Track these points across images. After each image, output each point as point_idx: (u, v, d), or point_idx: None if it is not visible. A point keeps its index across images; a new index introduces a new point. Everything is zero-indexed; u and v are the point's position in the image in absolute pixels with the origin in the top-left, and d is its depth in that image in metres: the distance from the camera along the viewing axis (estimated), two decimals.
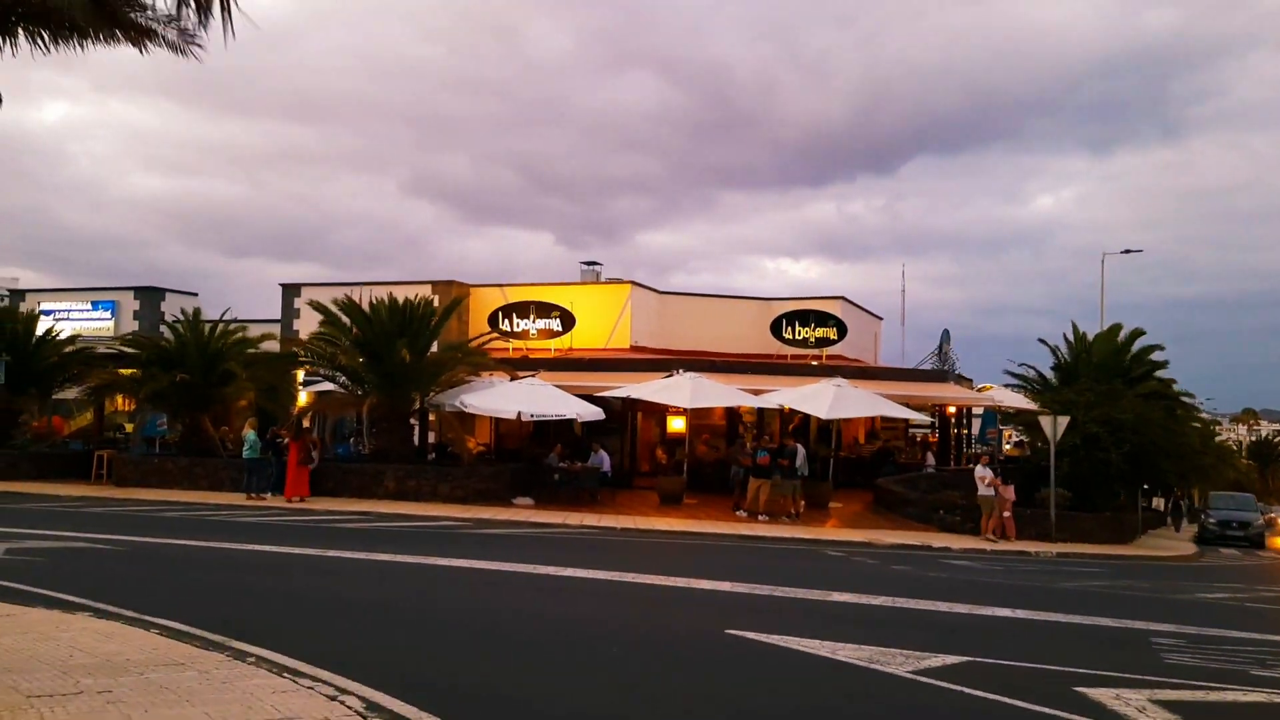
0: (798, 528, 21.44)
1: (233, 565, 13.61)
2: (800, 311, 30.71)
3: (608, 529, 20.07)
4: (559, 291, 30.84)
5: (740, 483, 23.45)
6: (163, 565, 13.47)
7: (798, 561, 17.15)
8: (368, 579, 12.83)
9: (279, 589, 11.67)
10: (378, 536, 17.91)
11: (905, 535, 21.42)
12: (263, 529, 18.43)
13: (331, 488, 23.58)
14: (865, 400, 24.12)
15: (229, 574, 12.78)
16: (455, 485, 23.04)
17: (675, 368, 25.37)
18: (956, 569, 17.34)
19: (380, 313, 23.83)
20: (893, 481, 25.51)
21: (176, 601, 10.28)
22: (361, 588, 12.06)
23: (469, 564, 14.07)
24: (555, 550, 16.86)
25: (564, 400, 23.35)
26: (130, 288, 35.25)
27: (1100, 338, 33.08)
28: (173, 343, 25.87)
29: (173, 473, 24.92)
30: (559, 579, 13.10)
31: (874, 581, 14.75)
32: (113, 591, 10.54)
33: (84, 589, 10.55)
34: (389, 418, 24.22)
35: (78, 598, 10.07)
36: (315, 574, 13.09)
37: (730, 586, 13.01)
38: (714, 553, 17.96)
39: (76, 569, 12.66)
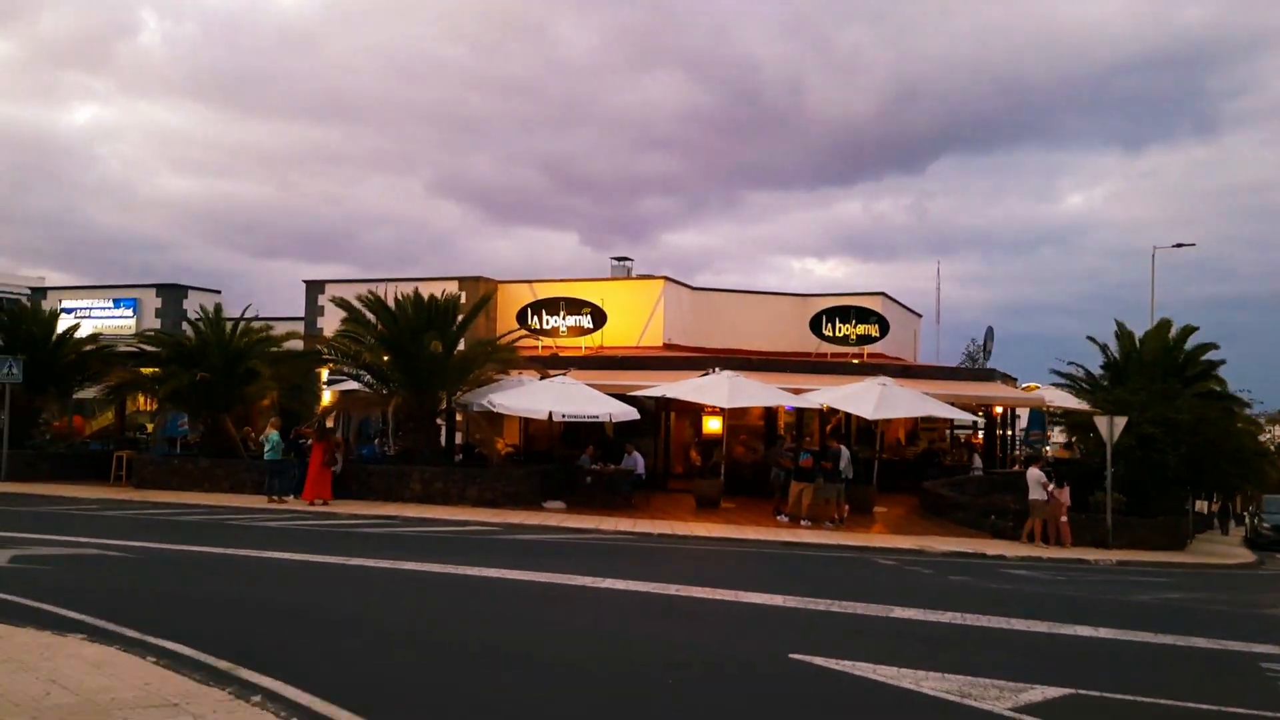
0: (843, 534, 20.39)
1: (249, 575, 12.76)
2: (841, 308, 29.57)
3: (643, 535, 19.10)
4: (589, 287, 29.86)
5: (781, 486, 22.43)
6: (175, 575, 12.63)
7: (848, 571, 16.13)
8: (393, 591, 11.92)
9: (298, 604, 10.78)
10: (403, 543, 17.06)
11: (956, 542, 20.33)
12: (283, 534, 17.60)
13: (355, 490, 22.75)
14: (912, 400, 23.03)
15: (245, 585, 11.91)
16: (484, 488, 22.14)
17: (711, 366, 24.38)
18: (1018, 579, 16.26)
19: (406, 309, 22.97)
20: (940, 485, 24.39)
21: (185, 619, 9.42)
22: (387, 602, 11.15)
23: (501, 574, 13.14)
24: (591, 559, 15.93)
25: (597, 400, 22.40)
26: (152, 285, 34.60)
27: (1150, 335, 31.69)
28: (193, 340, 25.11)
29: (193, 474, 24.18)
30: (598, 592, 12.16)
31: (935, 594, 13.72)
32: (117, 607, 9.69)
33: (86, 604, 9.71)
34: (415, 417, 23.35)
35: (78, 614, 9.22)
36: (337, 585, 12.21)
37: (783, 600, 12.02)
38: (758, 561, 16.96)
39: (82, 580, 11.82)
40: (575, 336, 29.22)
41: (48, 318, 28.13)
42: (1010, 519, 22.05)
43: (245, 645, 8.07)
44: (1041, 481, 21.18)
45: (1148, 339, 32.15)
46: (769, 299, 31.82)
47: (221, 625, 9.26)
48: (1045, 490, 21.12)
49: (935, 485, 24.34)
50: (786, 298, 31.94)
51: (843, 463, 21.68)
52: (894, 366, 27.27)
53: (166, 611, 9.87)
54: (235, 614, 9.97)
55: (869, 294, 30.81)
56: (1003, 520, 22.16)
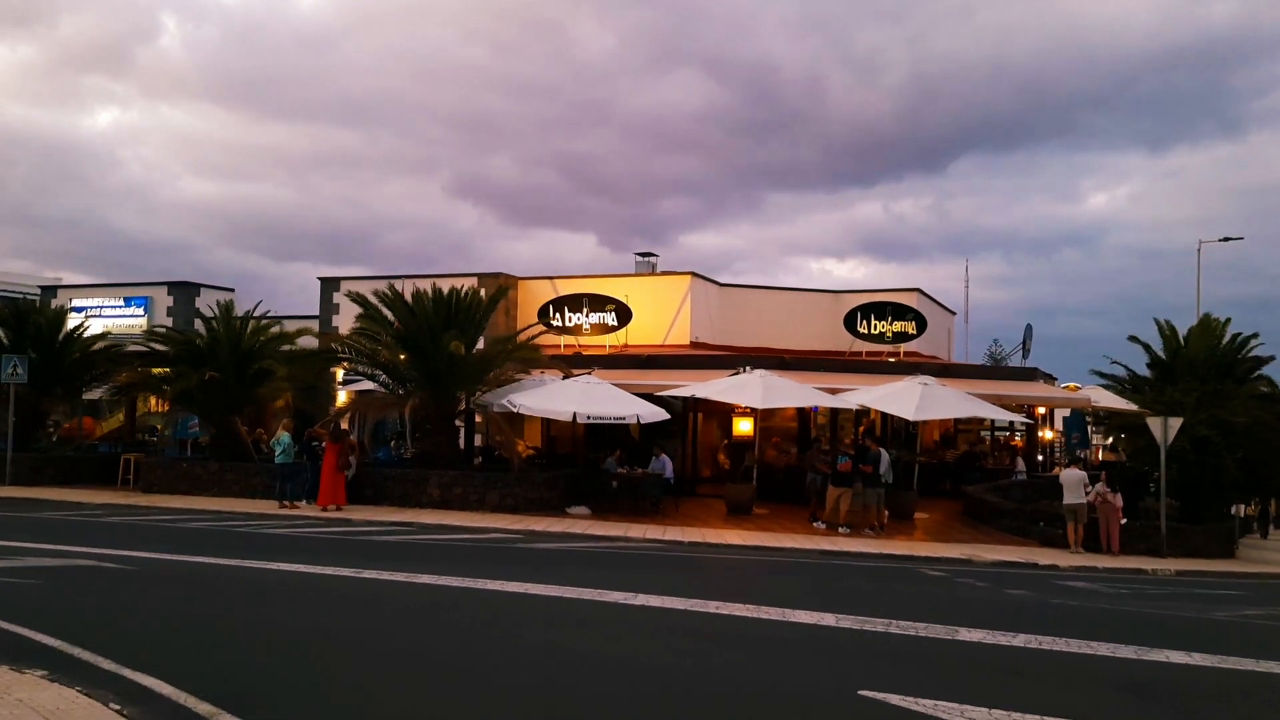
0: (884, 542, 19.22)
1: (254, 590, 11.71)
2: (877, 304, 28.34)
3: (674, 543, 17.99)
4: (613, 283, 28.72)
5: (818, 491, 21.27)
6: (173, 591, 11.60)
7: (897, 585, 14.95)
8: (406, 611, 10.85)
9: (300, 627, 9.72)
10: (421, 552, 16.01)
11: (1005, 550, 19.12)
12: (293, 543, 16.60)
13: (371, 495, 21.73)
14: (955, 400, 21.82)
15: (247, 603, 10.86)
16: (505, 493, 21.07)
17: (741, 365, 23.25)
18: (1080, 593, 15.05)
19: (424, 304, 21.93)
20: (984, 490, 23.17)
21: (174, 646, 8.38)
22: (398, 625, 10.07)
23: (525, 589, 12.05)
24: (621, 570, 14.84)
25: (624, 400, 21.29)
26: (164, 283, 33.71)
27: (1196, 333, 30.32)
28: (204, 338, 24.13)
29: (202, 478, 23.22)
30: (631, 612, 11.05)
31: (999, 612, 12.55)
32: (100, 630, 8.68)
33: (64, 626, 8.68)
34: (433, 419, 22.30)
35: (51, 639, 8.21)
36: (345, 604, 11.14)
37: (835, 620, 10.89)
38: (799, 573, 15.82)
39: (70, 597, 10.82)
40: (599, 334, 28.11)
41: (55, 315, 27.23)
42: (1060, 526, 20.84)
43: (234, 682, 7.03)
44: (1083, 483, 20.01)
45: (1193, 337, 30.74)
46: (799, 296, 30.62)
47: (211, 654, 8.21)
48: (1084, 492, 19.97)
49: (979, 490, 23.12)
50: (817, 294, 30.73)
51: (883, 466, 20.49)
52: (931, 365, 26.05)
53: (152, 637, 8.85)
54: (229, 640, 8.91)
55: (904, 290, 29.56)
56: (1052, 527, 20.95)
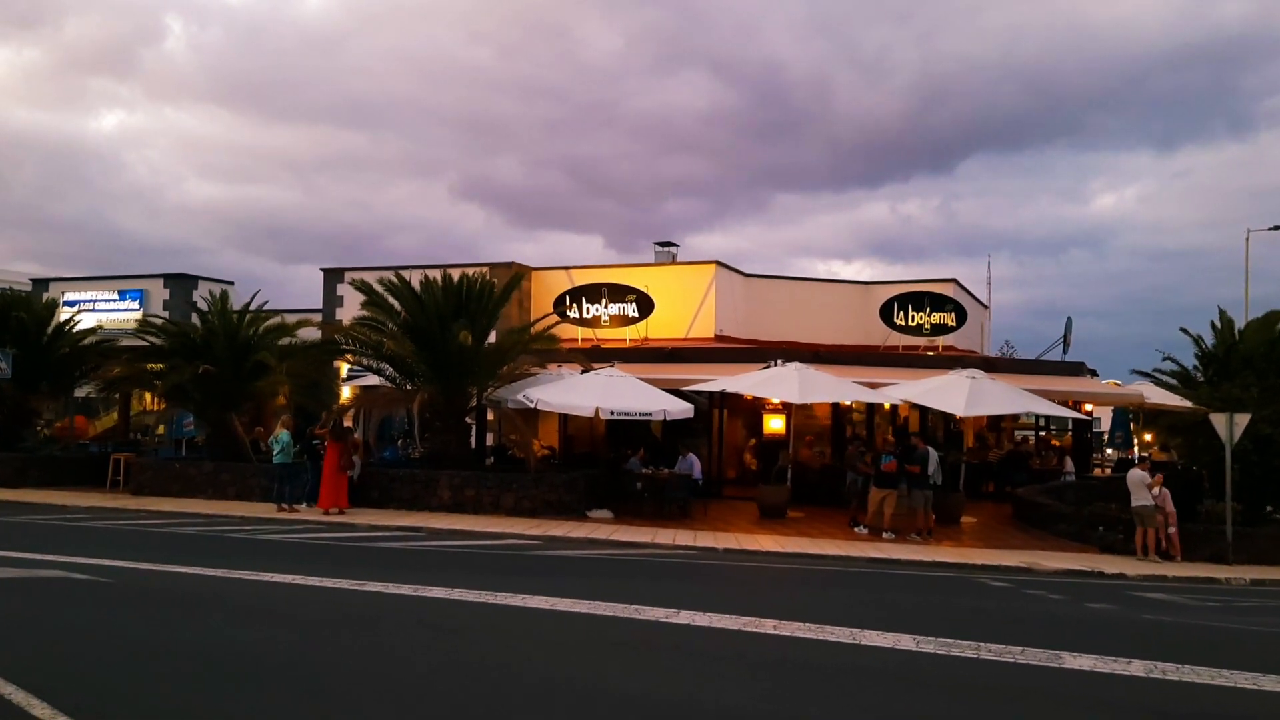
0: (933, 548, 17.61)
1: (239, 608, 10.16)
2: (914, 294, 26.68)
3: (707, 550, 16.42)
4: (633, 274, 27.07)
5: (859, 493, 19.68)
6: (143, 609, 10.06)
7: (962, 598, 13.36)
8: (410, 635, 9.28)
9: (285, 657, 8.16)
10: (430, 561, 14.49)
11: (1066, 558, 17.50)
12: (290, 550, 15.08)
13: (376, 497, 20.19)
14: (1007, 395, 20.20)
15: (230, 625, 9.31)
16: (521, 495, 19.50)
17: (772, 358, 21.68)
18: (1166, 607, 13.45)
19: (433, 292, 20.36)
20: (1037, 492, 21.53)
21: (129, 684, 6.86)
22: (400, 655, 8.49)
23: (552, 605, 10.49)
24: (654, 581, 13.27)
25: (649, 394, 19.70)
26: (159, 275, 32.19)
27: (1254, 326, 28.70)
28: (198, 330, 22.57)
29: (196, 479, 21.68)
30: (676, 632, 9.49)
31: (1091, 632, 10.97)
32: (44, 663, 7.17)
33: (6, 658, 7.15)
34: (443, 415, 20.73)
35: None
36: (345, 625, 9.58)
37: (914, 643, 9.33)
38: (849, 584, 14.23)
39: (23, 617, 9.29)
40: (618, 327, 26.47)
41: (42, 309, 25.67)
42: (1120, 530, 19.21)
43: None
44: (1146, 483, 18.41)
45: (1249, 331, 29.16)
46: (829, 287, 28.97)
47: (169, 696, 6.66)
48: (1150, 494, 18.37)
49: (1030, 492, 21.48)
50: (847, 286, 29.10)
51: (931, 466, 18.88)
52: (973, 359, 24.42)
53: (111, 670, 7.32)
54: (202, 672, 7.35)
55: (940, 280, 27.94)
56: (1112, 532, 19.31)
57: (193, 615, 9.72)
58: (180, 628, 9.07)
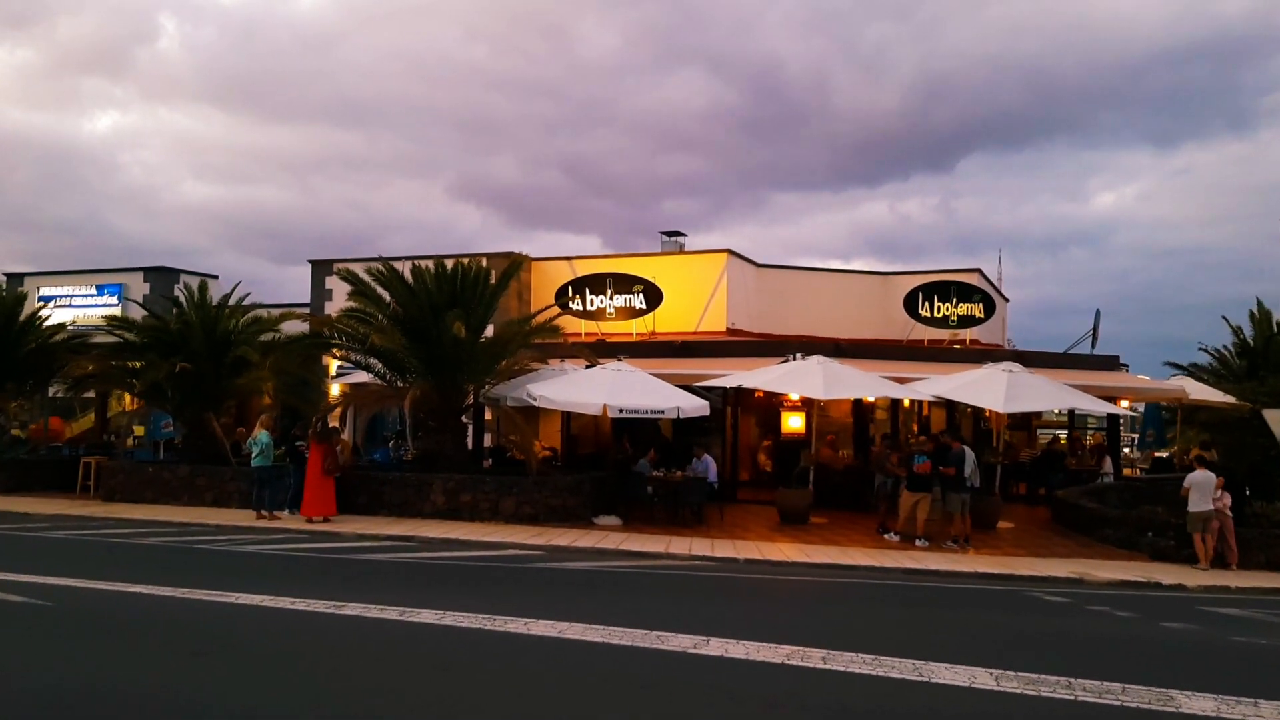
0: (972, 557, 16.06)
1: (191, 640, 8.61)
2: (940, 284, 25.09)
3: (726, 560, 14.86)
4: (639, 263, 25.42)
5: (888, 496, 18.14)
6: (78, 641, 8.50)
7: (1021, 616, 11.82)
8: (398, 668, 7.73)
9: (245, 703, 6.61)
10: (421, 576, 12.94)
11: (1116, 567, 15.93)
12: (264, 564, 13.54)
13: (365, 503, 18.61)
14: (1048, 390, 18.64)
15: (178, 661, 7.76)
16: (522, 500, 17.92)
17: (790, 352, 20.12)
18: (1249, 625, 11.93)
19: (425, 282, 18.79)
20: (1078, 494, 19.97)
21: None
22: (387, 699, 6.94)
23: (561, 632, 8.95)
24: (673, 600, 11.73)
25: (661, 391, 18.12)
26: (140, 268, 30.60)
27: None
28: (173, 324, 20.94)
29: (171, 484, 20.09)
30: (707, 667, 7.97)
31: (1184, 660, 9.47)
32: None
33: None
34: (437, 414, 19.15)
35: None
36: (314, 661, 8.03)
37: (993, 680, 7.84)
38: (891, 600, 12.69)
39: None
40: (625, 319, 24.86)
41: (9, 302, 24.01)
42: (1172, 536, 17.65)
43: None
44: (1212, 485, 16.85)
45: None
46: (847, 278, 27.35)
47: None
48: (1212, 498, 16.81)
49: (1073, 495, 19.91)
50: (865, 277, 27.48)
51: (968, 468, 17.32)
52: (1002, 353, 22.87)
53: None
54: None
55: (964, 270, 26.38)
56: (1163, 538, 17.75)
57: (133, 649, 8.18)
58: (113, 665, 7.53)
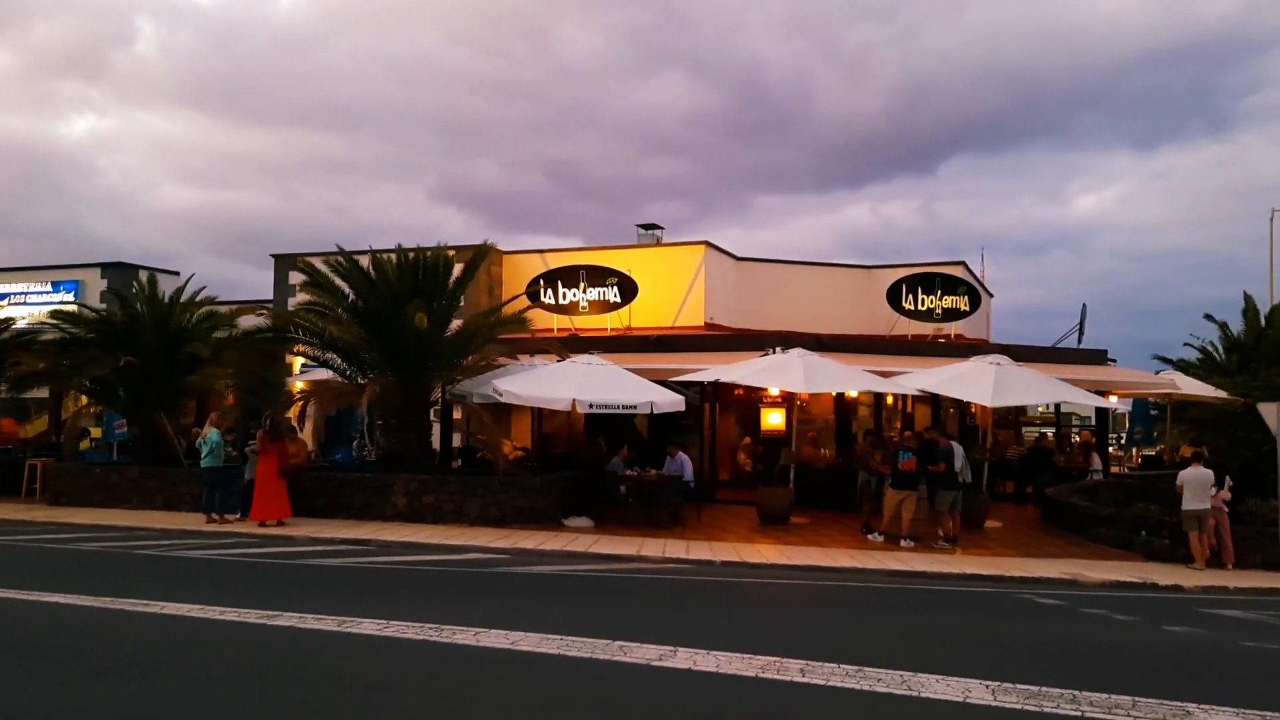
0: (960, 558, 15.31)
1: (98, 656, 7.72)
2: (924, 276, 24.30)
3: (702, 563, 14.04)
4: (615, 256, 24.50)
5: (872, 495, 17.36)
6: None
7: (1015, 621, 11.05)
8: (321, 687, 6.86)
9: None
10: (373, 581, 12.07)
11: (1110, 567, 15.20)
12: (206, 571, 12.63)
13: (323, 505, 17.67)
14: (1037, 383, 17.93)
15: (82, 680, 6.85)
16: (488, 501, 17.03)
17: (771, 345, 19.35)
18: (1254, 629, 11.20)
19: (386, 272, 17.89)
20: (1069, 492, 19.25)
21: None
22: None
23: (513, 643, 8.10)
24: (642, 605, 10.90)
25: (634, 385, 17.27)
26: (97, 264, 29.53)
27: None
28: (119, 318, 19.92)
29: (120, 486, 19.09)
30: (672, 682, 7.14)
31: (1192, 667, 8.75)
32: None
33: None
34: (400, 412, 18.25)
35: None
36: (232, 680, 7.14)
37: (989, 694, 7.08)
38: (876, 604, 11.91)
39: None
40: (599, 313, 23.96)
41: None
42: (1166, 535, 16.94)
43: None
44: (1208, 482, 16.14)
45: (1277, 316, 27.22)
46: (828, 271, 26.55)
47: None
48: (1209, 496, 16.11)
49: (1063, 493, 19.19)
50: (847, 270, 26.70)
51: (958, 462, 16.56)
52: (987, 347, 22.12)
53: None
54: None
55: (949, 262, 25.65)
56: (1156, 537, 17.04)
57: (22, 668, 7.26)
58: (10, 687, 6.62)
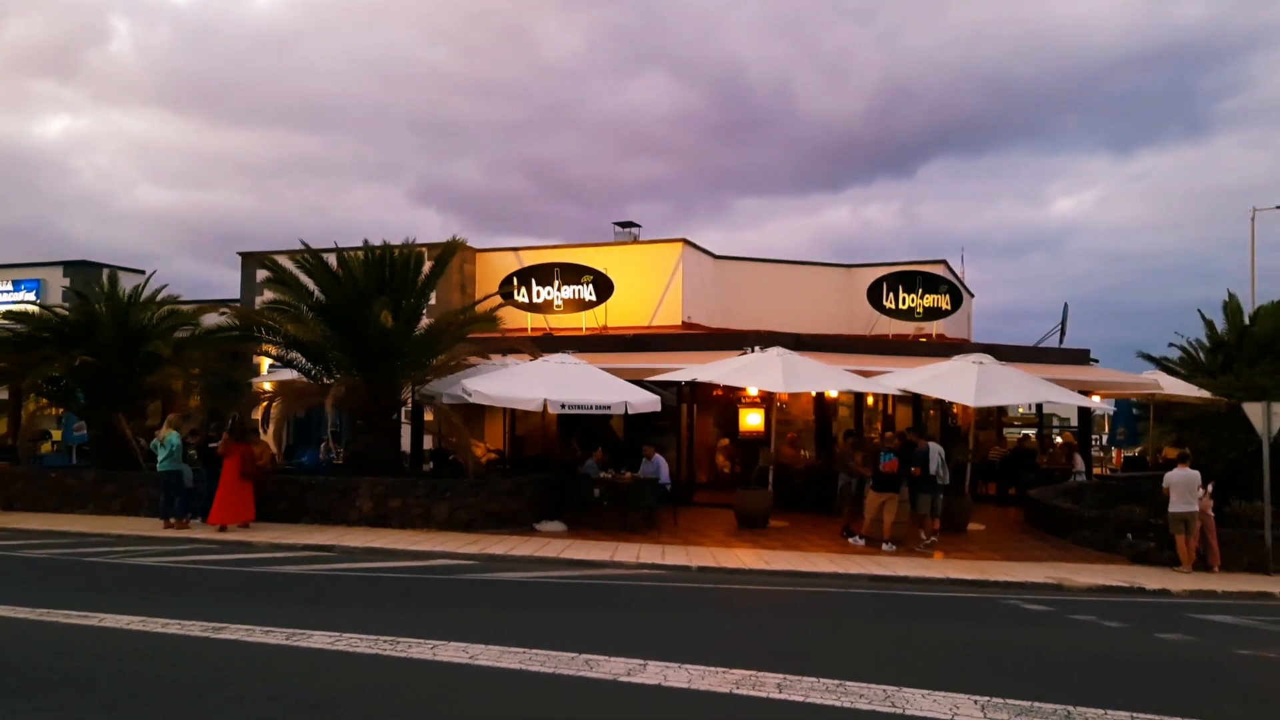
0: (943, 561, 14.88)
1: (14, 674, 7.14)
2: (905, 274, 23.92)
3: (678, 569, 13.54)
4: (590, 254, 24.00)
5: (853, 498, 16.92)
6: None
7: (1002, 629, 10.64)
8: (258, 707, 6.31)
9: None
10: (331, 590, 11.52)
11: (1096, 571, 14.79)
12: (155, 579, 12.05)
13: (286, 509, 17.05)
14: (1022, 382, 17.53)
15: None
16: (456, 505, 16.47)
17: (749, 344, 18.87)
18: (1247, 635, 10.85)
19: (352, 269, 17.30)
20: (1052, 494, 18.88)
21: None
22: None
23: (471, 656, 7.58)
24: (612, 614, 10.40)
25: (607, 385, 16.76)
26: (59, 263, 28.82)
27: (1267, 311, 26.38)
28: (73, 315, 19.24)
29: (76, 491, 18.41)
30: (643, 699, 6.64)
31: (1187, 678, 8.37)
32: None
33: None
34: (366, 413, 17.67)
35: None
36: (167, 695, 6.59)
37: (977, 709, 6.72)
38: (857, 611, 11.47)
39: None
40: (573, 312, 23.42)
41: None
42: (1152, 538, 16.58)
43: None
44: (1194, 484, 15.80)
45: (1261, 316, 26.88)
46: (808, 270, 26.10)
47: None
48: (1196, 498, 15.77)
49: (1046, 494, 18.81)
50: (827, 269, 26.28)
51: (934, 465, 16.13)
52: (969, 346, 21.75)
53: None
54: None
55: (930, 261, 25.27)
56: (1143, 540, 16.68)
57: None
58: None
